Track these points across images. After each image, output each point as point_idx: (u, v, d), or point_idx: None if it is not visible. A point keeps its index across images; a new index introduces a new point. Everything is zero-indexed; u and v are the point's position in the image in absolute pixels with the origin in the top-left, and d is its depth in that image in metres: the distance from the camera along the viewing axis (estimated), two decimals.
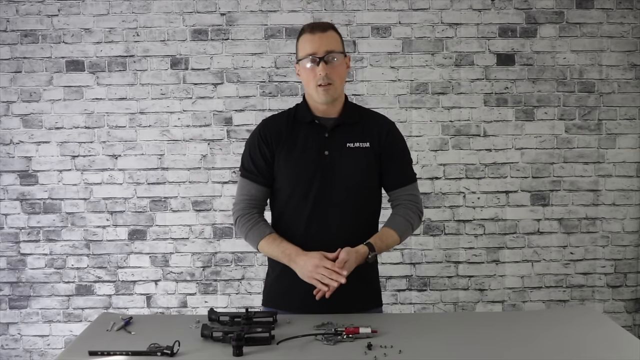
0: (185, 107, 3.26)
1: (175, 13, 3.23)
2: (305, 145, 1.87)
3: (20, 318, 3.31)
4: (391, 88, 3.25)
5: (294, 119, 1.91)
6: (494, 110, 3.26)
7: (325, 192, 1.84)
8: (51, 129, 3.26)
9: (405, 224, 1.91)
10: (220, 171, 3.27)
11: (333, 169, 1.84)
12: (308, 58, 1.81)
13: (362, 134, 1.88)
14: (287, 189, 1.89)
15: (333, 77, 1.81)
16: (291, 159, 1.87)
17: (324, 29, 1.83)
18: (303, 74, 1.86)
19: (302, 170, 1.85)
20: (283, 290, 1.90)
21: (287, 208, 1.90)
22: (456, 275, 3.30)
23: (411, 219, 1.91)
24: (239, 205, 1.92)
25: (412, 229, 1.94)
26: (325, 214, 1.84)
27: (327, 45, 1.80)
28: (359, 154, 1.86)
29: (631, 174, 3.29)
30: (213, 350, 1.50)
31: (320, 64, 1.79)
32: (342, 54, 1.84)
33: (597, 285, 3.32)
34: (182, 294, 3.30)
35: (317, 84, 1.81)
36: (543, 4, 3.23)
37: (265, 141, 1.89)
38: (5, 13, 3.22)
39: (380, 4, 3.22)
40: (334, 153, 1.85)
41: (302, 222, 1.85)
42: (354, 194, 1.86)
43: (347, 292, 1.79)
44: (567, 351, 1.48)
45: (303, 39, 1.84)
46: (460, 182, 3.28)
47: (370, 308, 1.92)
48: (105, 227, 3.29)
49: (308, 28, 1.84)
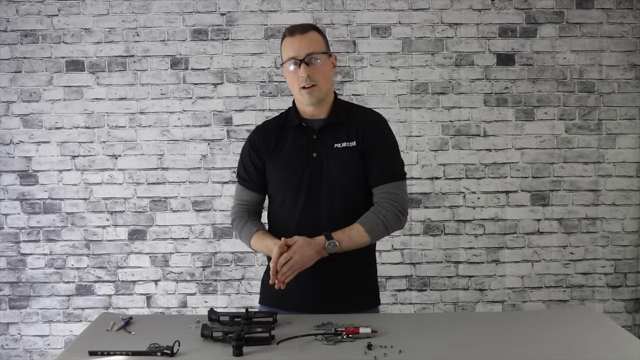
0: (185, 107, 3.26)
1: (175, 13, 3.23)
2: (293, 149, 1.87)
3: (20, 318, 3.31)
4: (391, 88, 3.25)
5: (283, 124, 1.92)
6: (494, 110, 3.26)
7: (314, 194, 1.83)
8: (51, 129, 3.26)
9: (376, 221, 1.79)
10: (220, 171, 3.27)
11: (321, 171, 1.83)
12: (290, 61, 1.81)
13: (348, 132, 1.86)
14: (279, 193, 1.90)
15: (316, 78, 1.80)
16: (280, 164, 1.87)
17: (304, 30, 1.82)
18: (287, 77, 1.86)
19: (291, 174, 1.85)
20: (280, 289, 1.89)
21: (279, 212, 1.91)
22: (456, 275, 3.30)
23: (384, 217, 1.79)
24: (234, 209, 1.99)
25: (387, 228, 1.81)
26: (315, 216, 1.83)
27: (307, 47, 1.79)
28: (346, 154, 1.84)
29: (631, 174, 3.29)
30: (213, 350, 1.50)
31: (302, 66, 1.78)
32: (325, 54, 1.83)
33: (597, 285, 3.32)
34: (182, 294, 3.30)
35: (301, 86, 1.81)
36: (543, 4, 3.23)
37: (255, 149, 1.92)
38: (5, 13, 3.22)
39: (380, 4, 3.22)
40: (322, 155, 1.84)
41: (293, 225, 1.84)
42: (344, 195, 1.84)
43: (344, 290, 1.78)
44: (567, 351, 1.48)
45: (285, 43, 1.84)
46: (460, 182, 3.28)
47: (367, 307, 1.91)
48: (105, 227, 3.29)
49: (288, 31, 1.84)
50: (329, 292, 1.83)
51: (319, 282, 1.82)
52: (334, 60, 1.89)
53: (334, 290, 1.80)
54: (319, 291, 1.84)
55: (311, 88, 1.80)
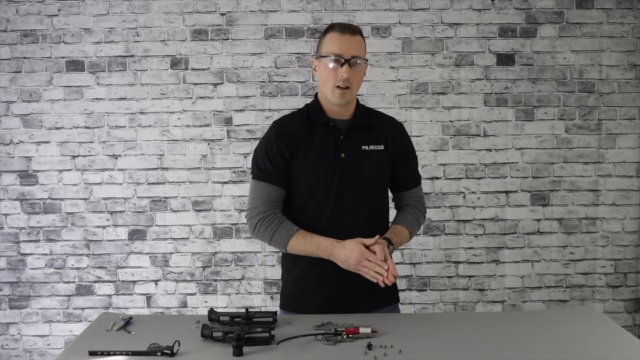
0: (185, 107, 3.26)
1: (175, 13, 3.23)
2: (321, 147, 1.85)
3: (20, 318, 3.31)
4: (391, 88, 3.25)
5: (308, 120, 1.88)
6: (494, 110, 3.26)
7: (344, 194, 1.83)
8: (51, 129, 3.26)
9: (415, 223, 1.95)
10: (220, 171, 3.27)
11: (351, 171, 1.84)
12: (332, 57, 1.78)
13: (376, 136, 1.89)
14: (306, 191, 1.85)
15: (352, 82, 1.80)
16: (309, 161, 1.84)
17: (353, 32, 1.81)
18: (322, 71, 1.83)
19: (320, 172, 1.83)
20: (304, 293, 1.88)
21: (305, 209, 1.86)
22: (456, 275, 3.30)
23: (419, 218, 1.97)
24: (258, 208, 1.83)
25: (419, 227, 1.99)
26: (344, 215, 1.83)
27: (354, 50, 1.79)
28: (374, 156, 1.87)
29: (631, 174, 3.29)
30: (213, 350, 1.50)
31: (345, 66, 1.77)
32: (366, 61, 1.84)
33: (597, 285, 3.32)
34: (182, 294, 3.30)
35: (336, 84, 1.79)
36: (543, 4, 3.23)
37: (284, 142, 1.84)
38: (5, 13, 3.22)
39: (380, 4, 3.22)
40: (350, 155, 1.84)
41: (322, 224, 1.82)
42: (371, 196, 1.87)
43: (366, 289, 1.79)
44: (567, 351, 1.48)
45: (331, 37, 1.81)
46: (460, 182, 3.28)
47: (387, 305, 1.94)
48: (105, 227, 3.29)
49: (339, 27, 1.81)
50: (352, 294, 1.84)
51: (342, 284, 1.82)
52: (366, 67, 1.88)
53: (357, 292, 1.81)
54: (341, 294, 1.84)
55: (345, 90, 1.80)
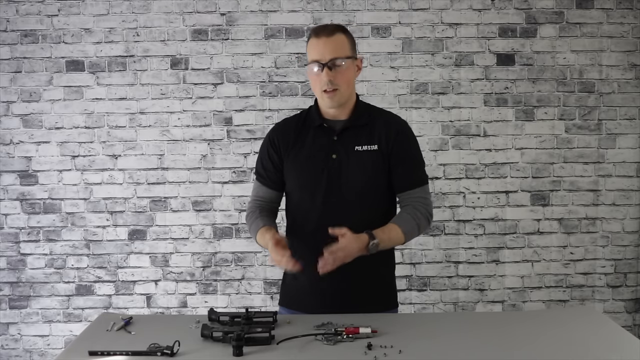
0: (185, 107, 3.26)
1: (175, 13, 3.23)
2: (313, 149, 1.85)
3: (20, 318, 3.31)
4: (391, 88, 3.25)
5: (303, 123, 1.90)
6: (494, 110, 3.26)
7: (332, 195, 1.82)
8: (51, 129, 3.26)
9: (411, 222, 1.81)
10: (220, 171, 3.27)
11: (340, 172, 1.83)
12: (314, 63, 1.78)
13: (370, 136, 1.85)
14: (297, 193, 1.89)
15: (338, 83, 1.77)
16: (299, 163, 1.86)
17: (330, 32, 1.78)
18: (310, 78, 1.84)
19: (309, 174, 1.84)
20: (301, 290, 1.88)
21: (297, 212, 1.90)
22: (456, 275, 3.30)
23: (417, 218, 1.82)
24: (249, 205, 1.99)
25: (419, 229, 1.84)
26: (334, 217, 1.80)
27: (332, 52, 1.76)
28: (367, 157, 1.83)
29: (631, 174, 3.28)
30: (213, 350, 1.50)
31: (324, 70, 1.76)
32: (350, 58, 1.80)
33: (597, 285, 3.32)
34: (182, 294, 3.30)
35: (322, 89, 1.79)
36: (543, 4, 3.23)
37: (274, 145, 1.90)
38: (5, 13, 3.22)
39: (380, 4, 3.22)
40: (342, 157, 1.83)
41: (312, 226, 1.83)
42: (362, 197, 1.83)
43: (364, 292, 1.79)
44: (567, 351, 1.48)
45: (310, 44, 1.81)
46: (460, 182, 3.28)
47: (388, 309, 1.91)
48: (105, 227, 3.29)
49: (314, 32, 1.81)
50: (349, 294, 1.83)
51: (339, 283, 1.80)
52: (359, 62, 1.86)
53: (355, 292, 1.80)
54: (339, 293, 1.83)
55: (332, 92, 1.78)
